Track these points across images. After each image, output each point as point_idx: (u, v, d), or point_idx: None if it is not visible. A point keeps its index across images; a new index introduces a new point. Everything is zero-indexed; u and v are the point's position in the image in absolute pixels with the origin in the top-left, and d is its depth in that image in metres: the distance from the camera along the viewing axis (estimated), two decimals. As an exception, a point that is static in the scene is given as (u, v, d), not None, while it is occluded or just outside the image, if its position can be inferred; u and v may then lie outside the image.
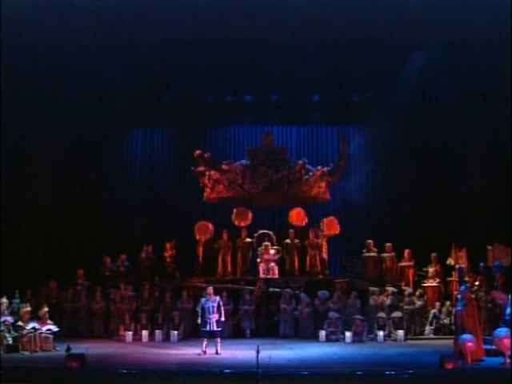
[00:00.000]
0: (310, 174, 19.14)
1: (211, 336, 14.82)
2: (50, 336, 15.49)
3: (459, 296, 14.46)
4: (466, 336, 13.42)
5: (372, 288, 18.26)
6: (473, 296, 15.25)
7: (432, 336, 17.65)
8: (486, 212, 19.97)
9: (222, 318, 15.09)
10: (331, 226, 20.02)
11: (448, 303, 17.77)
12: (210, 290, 15.27)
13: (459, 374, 12.00)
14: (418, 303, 17.96)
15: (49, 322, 15.70)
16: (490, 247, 16.89)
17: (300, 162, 19.34)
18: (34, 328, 15.24)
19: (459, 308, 14.19)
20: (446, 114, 20.86)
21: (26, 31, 17.36)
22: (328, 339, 16.80)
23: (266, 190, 19.01)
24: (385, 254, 19.73)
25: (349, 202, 22.70)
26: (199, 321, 15.02)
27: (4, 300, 15.74)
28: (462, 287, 14.59)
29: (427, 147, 21.81)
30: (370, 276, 19.58)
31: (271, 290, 18.31)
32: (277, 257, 19.34)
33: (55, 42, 18.36)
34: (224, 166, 19.16)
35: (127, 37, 18.31)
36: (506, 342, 13.01)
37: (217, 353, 14.68)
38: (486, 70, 18.61)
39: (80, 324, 18.07)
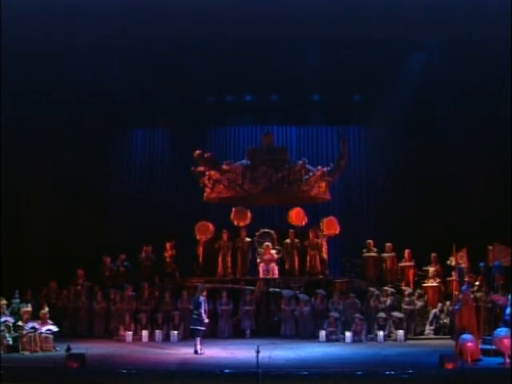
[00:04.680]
0: (310, 173, 19.12)
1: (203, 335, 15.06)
2: (50, 336, 15.48)
3: (460, 296, 14.49)
4: (466, 336, 13.43)
5: (372, 288, 18.26)
6: (472, 296, 15.30)
7: (432, 336, 17.66)
8: (486, 212, 19.96)
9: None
10: (331, 225, 20.03)
11: (448, 303, 17.76)
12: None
13: (459, 374, 11.98)
14: (419, 304, 17.95)
15: (49, 321, 15.69)
16: (490, 247, 16.88)
17: (300, 162, 19.32)
18: (33, 328, 15.22)
19: (456, 307, 14.24)
20: (445, 113, 20.85)
21: (25, 31, 17.35)
22: (328, 339, 16.79)
23: (266, 189, 18.98)
24: (385, 254, 19.75)
25: (349, 201, 22.75)
26: (204, 320, 15.08)
27: (4, 301, 15.72)
28: (464, 287, 14.61)
29: (427, 147, 21.79)
30: (369, 276, 19.60)
31: (271, 289, 18.31)
32: (277, 257, 19.37)
33: (55, 42, 18.35)
34: (224, 166, 19.14)
35: (127, 37, 18.30)
36: (506, 341, 13.00)
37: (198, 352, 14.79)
38: (486, 70, 18.60)
39: (80, 324, 18.06)
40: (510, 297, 14.53)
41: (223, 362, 13.50)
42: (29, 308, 15.76)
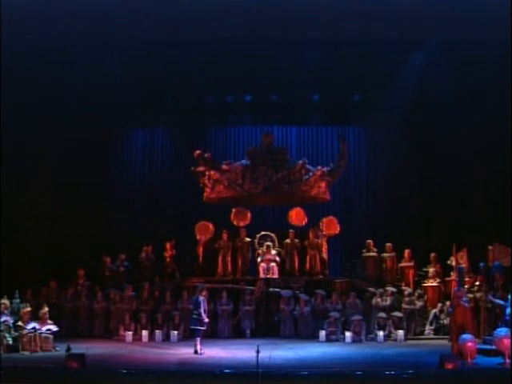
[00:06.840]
0: (310, 173, 19.12)
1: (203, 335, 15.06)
2: (50, 336, 15.47)
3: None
4: (466, 336, 13.43)
5: (372, 289, 18.26)
6: (470, 296, 15.31)
7: (432, 336, 17.66)
8: (486, 212, 19.95)
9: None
10: (331, 225, 20.04)
11: (448, 303, 17.75)
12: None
13: (459, 373, 11.98)
14: (419, 304, 17.94)
15: (49, 321, 15.68)
16: (490, 247, 16.88)
17: (300, 162, 19.33)
18: (34, 328, 15.22)
19: (450, 310, 14.27)
20: (445, 113, 20.84)
21: (26, 31, 17.37)
22: (328, 339, 16.79)
23: (265, 190, 18.99)
24: (385, 254, 19.74)
25: (349, 201, 22.74)
26: (204, 320, 15.09)
27: (4, 300, 15.71)
28: (455, 288, 14.68)
29: (427, 147, 21.81)
30: (369, 276, 19.59)
31: (271, 289, 18.31)
32: (278, 258, 19.37)
33: (55, 43, 18.36)
34: (224, 166, 19.15)
35: (127, 37, 18.31)
36: (506, 342, 13.00)
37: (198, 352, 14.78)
38: (486, 70, 18.60)
39: (80, 324, 18.06)
40: (509, 297, 14.54)
41: (223, 362, 13.51)
42: (29, 308, 15.74)
